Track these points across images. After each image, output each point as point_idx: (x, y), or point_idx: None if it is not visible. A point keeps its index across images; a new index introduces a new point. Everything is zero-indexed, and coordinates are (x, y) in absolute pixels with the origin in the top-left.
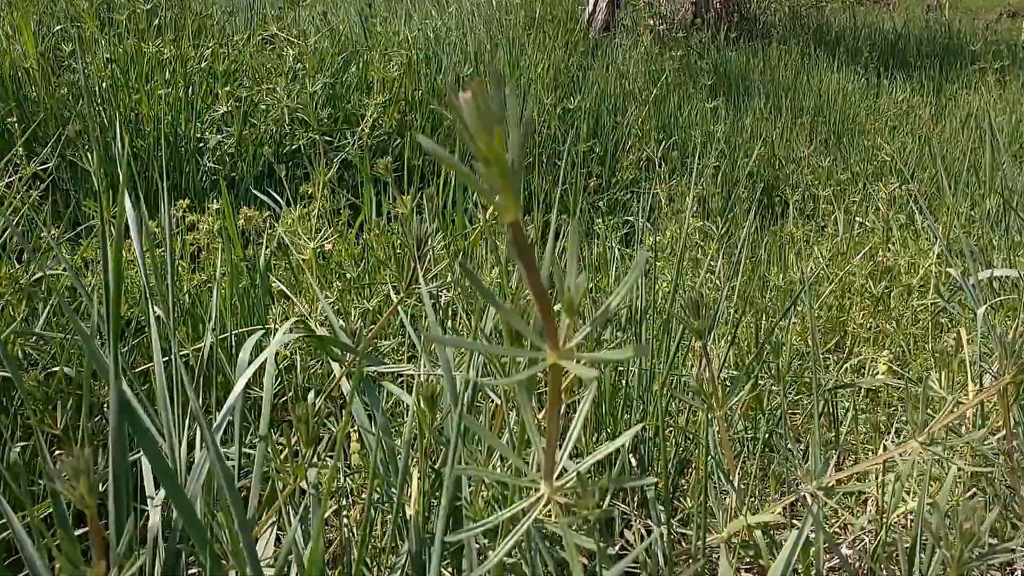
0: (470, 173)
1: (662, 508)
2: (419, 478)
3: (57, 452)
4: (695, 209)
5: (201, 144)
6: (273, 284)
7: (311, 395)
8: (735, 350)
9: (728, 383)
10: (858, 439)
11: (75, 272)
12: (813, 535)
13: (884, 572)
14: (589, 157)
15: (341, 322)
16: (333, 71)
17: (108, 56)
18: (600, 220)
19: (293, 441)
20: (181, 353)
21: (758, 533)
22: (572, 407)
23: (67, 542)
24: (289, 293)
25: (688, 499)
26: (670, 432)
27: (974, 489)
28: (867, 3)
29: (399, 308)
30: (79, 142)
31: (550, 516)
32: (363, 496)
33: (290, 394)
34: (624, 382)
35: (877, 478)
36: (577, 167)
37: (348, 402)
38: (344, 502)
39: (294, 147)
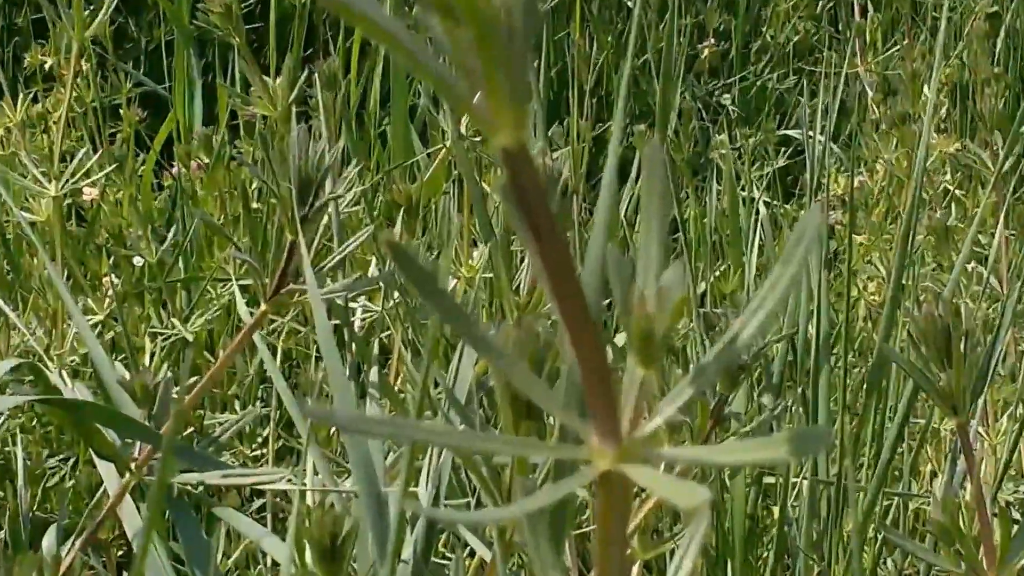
0: (416, 48)
1: None
2: None
3: None
4: (942, 114)
5: None
6: None
7: (51, 535)
8: None
9: (1020, 515)
10: None
11: None
12: None
13: None
14: None
15: (122, 368)
16: None
17: None
18: (723, 136)
19: None
20: None
21: None
22: (656, 567)
23: None
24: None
25: None
26: None
27: None
28: None
29: (257, 337)
30: None
31: None
32: None
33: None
34: (776, 512)
35: None
36: (672, 13)
37: (139, 556)
38: None
39: None
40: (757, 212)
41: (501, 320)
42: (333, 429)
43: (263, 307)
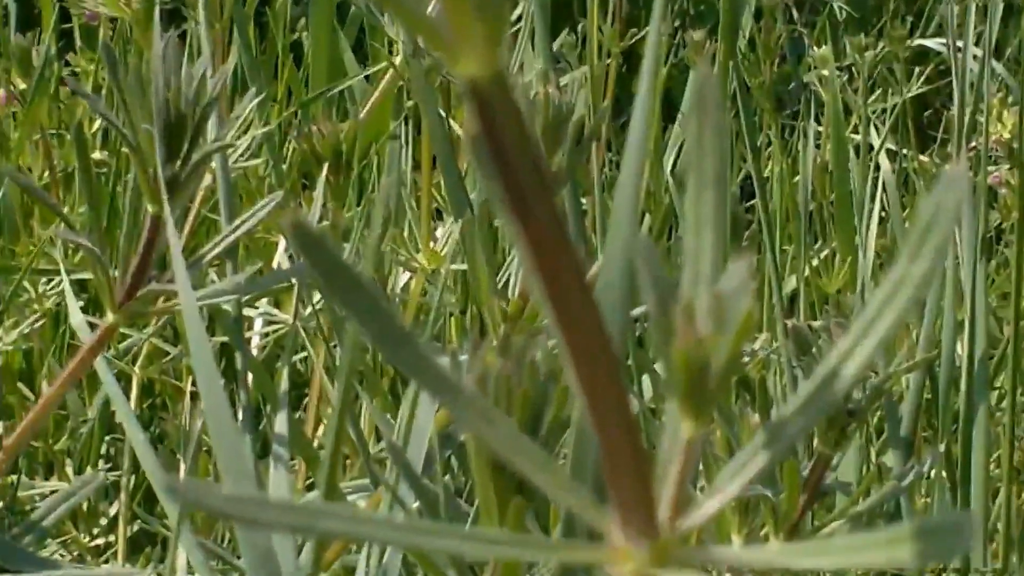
0: None
1: None
2: None
3: None
4: None
5: None
6: None
7: None
8: None
9: None
10: None
11: None
12: None
13: None
14: None
15: None
16: None
17: None
18: (825, 48)
19: None
20: None
21: None
22: None
23: None
24: None
25: None
26: None
27: None
28: None
29: (101, 363)
30: None
31: None
32: None
33: None
34: None
35: None
36: None
37: None
38: None
39: None
40: (877, 167)
41: (480, 339)
42: (223, 528)
43: (110, 318)
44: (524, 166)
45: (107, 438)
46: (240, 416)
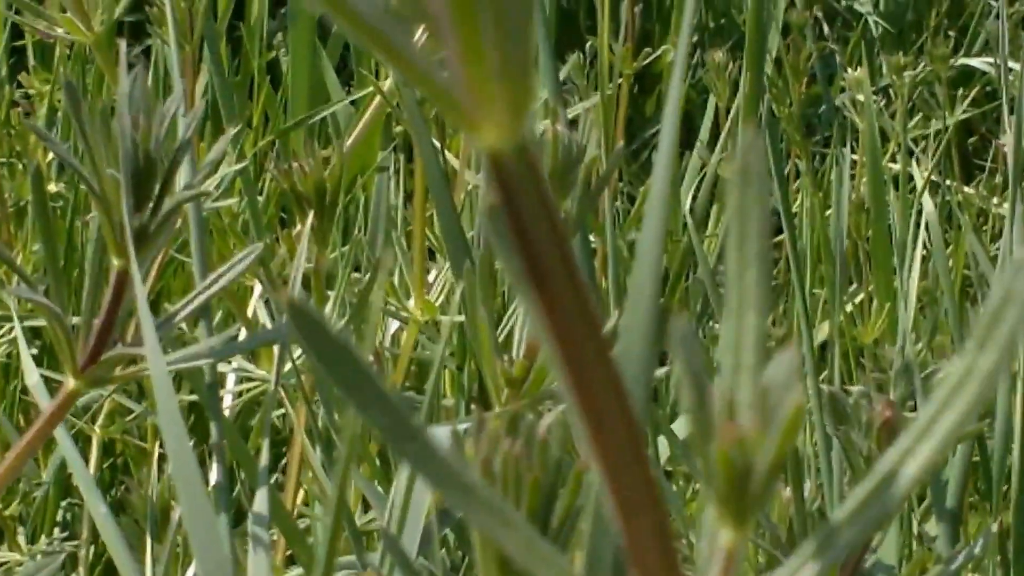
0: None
1: None
2: None
3: None
4: None
5: None
6: None
7: None
8: None
9: None
10: None
11: None
12: None
13: None
14: None
15: None
16: None
17: None
18: (860, 70)
19: None
20: None
21: None
22: None
23: None
24: None
25: None
26: None
27: None
28: None
29: (60, 429)
30: None
31: None
32: None
33: None
34: None
35: None
36: None
37: None
38: None
39: None
40: (919, 201)
41: (482, 411)
42: None
43: (71, 384)
44: (546, 242)
45: (64, 503)
46: (212, 485)
